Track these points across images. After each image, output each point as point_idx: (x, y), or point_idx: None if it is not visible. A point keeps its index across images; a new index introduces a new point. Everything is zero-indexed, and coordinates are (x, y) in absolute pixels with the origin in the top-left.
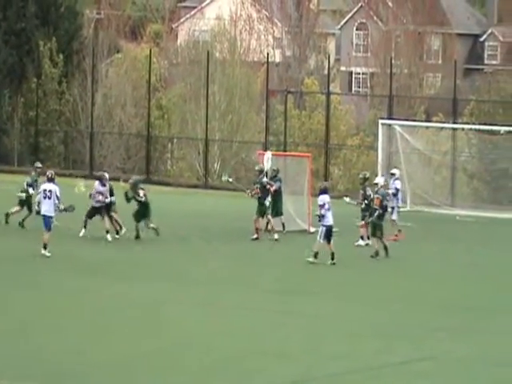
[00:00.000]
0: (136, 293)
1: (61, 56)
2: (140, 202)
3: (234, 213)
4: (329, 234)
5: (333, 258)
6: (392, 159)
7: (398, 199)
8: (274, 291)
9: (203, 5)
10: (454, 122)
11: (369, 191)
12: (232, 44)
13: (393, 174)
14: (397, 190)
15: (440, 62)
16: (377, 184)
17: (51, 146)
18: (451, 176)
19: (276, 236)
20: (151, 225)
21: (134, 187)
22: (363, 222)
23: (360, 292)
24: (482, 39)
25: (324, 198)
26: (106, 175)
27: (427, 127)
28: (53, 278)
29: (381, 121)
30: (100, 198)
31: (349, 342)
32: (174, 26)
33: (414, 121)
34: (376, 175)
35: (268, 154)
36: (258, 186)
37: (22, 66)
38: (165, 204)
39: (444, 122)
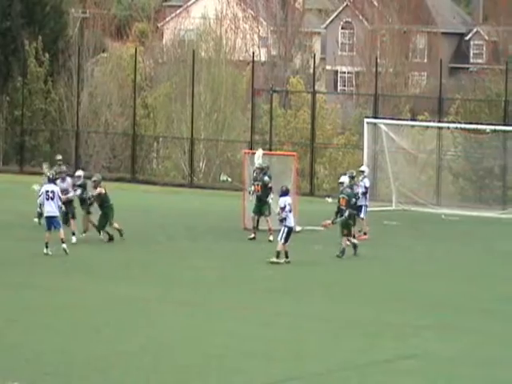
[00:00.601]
0: (121, 292)
1: (46, 55)
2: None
3: (219, 212)
4: (289, 235)
5: (287, 257)
6: (377, 158)
7: (366, 198)
8: (260, 291)
9: (189, 4)
10: (440, 121)
11: (356, 189)
12: (217, 43)
13: (362, 172)
14: (366, 188)
15: (425, 60)
16: (342, 183)
17: (37, 146)
18: (437, 175)
19: (271, 238)
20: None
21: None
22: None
23: (346, 291)
24: (467, 38)
25: (285, 200)
26: (64, 168)
27: (413, 126)
28: (39, 277)
29: (366, 120)
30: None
31: (334, 340)
32: (159, 25)
33: (400, 120)
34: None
35: (259, 152)
36: (259, 183)
37: (7, 65)
38: (150, 203)
39: (429, 121)
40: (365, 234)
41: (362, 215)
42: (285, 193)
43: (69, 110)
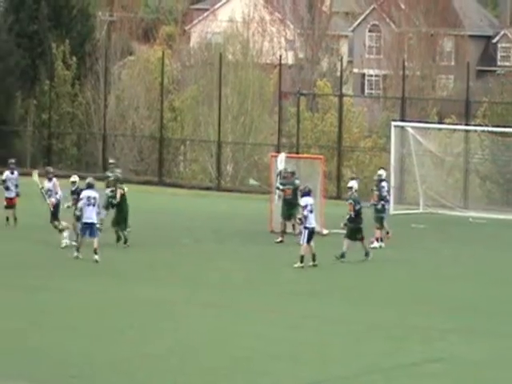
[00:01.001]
0: (148, 294)
1: (74, 58)
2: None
3: (246, 215)
4: (310, 236)
5: (314, 260)
6: (405, 161)
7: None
8: (287, 294)
9: (216, 7)
10: (467, 124)
11: (384, 192)
12: (245, 46)
13: (380, 176)
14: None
15: (453, 63)
16: (351, 188)
17: (64, 149)
18: (464, 178)
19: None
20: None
21: (115, 185)
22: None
23: (372, 294)
24: (494, 41)
25: (307, 200)
26: (118, 171)
27: (440, 129)
28: (62, 280)
29: (393, 123)
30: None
31: (360, 343)
32: (186, 28)
33: (427, 123)
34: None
35: (282, 156)
36: (291, 187)
37: (34, 69)
38: (177, 206)
39: (457, 124)
40: (376, 238)
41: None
42: (307, 193)
43: (96, 113)
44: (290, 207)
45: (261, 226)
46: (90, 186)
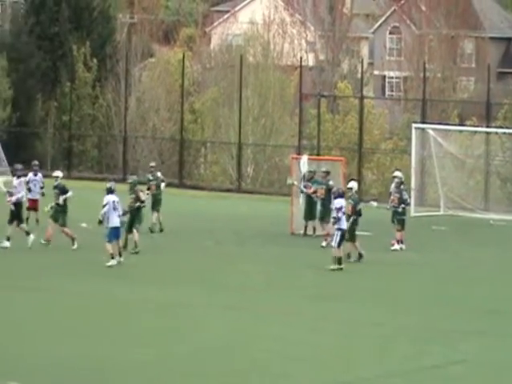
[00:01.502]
0: (169, 297)
1: (94, 60)
2: (138, 207)
3: (267, 217)
4: (342, 239)
5: (340, 263)
6: (425, 163)
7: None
8: (307, 296)
9: (236, 9)
10: (488, 126)
11: (405, 195)
12: (265, 48)
13: (395, 177)
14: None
15: (473, 65)
16: (350, 189)
17: (84, 151)
18: (485, 180)
19: (324, 244)
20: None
21: (133, 188)
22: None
23: (394, 297)
24: None
25: (341, 202)
26: (159, 174)
27: (461, 131)
28: (82, 283)
29: (414, 125)
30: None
31: (382, 346)
32: (207, 30)
33: (448, 125)
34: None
35: (304, 158)
36: (324, 187)
37: (55, 71)
38: (198, 208)
39: (477, 126)
40: (397, 240)
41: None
42: (340, 195)
43: (117, 115)
44: (323, 208)
45: (282, 227)
46: (111, 191)
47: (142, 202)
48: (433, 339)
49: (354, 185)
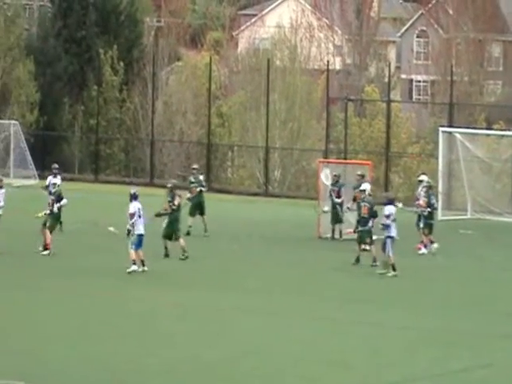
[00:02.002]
0: (195, 300)
1: (121, 64)
2: (172, 210)
3: (294, 220)
4: (391, 245)
5: (394, 269)
6: (453, 167)
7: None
8: (335, 300)
9: (263, 13)
10: None
11: (433, 199)
12: (292, 52)
13: (420, 182)
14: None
15: (501, 69)
16: (364, 191)
17: (112, 154)
18: None
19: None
20: (181, 241)
21: (172, 192)
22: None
23: (421, 300)
24: None
25: (390, 209)
26: (201, 177)
27: (488, 135)
28: (112, 287)
29: (441, 128)
30: None
31: (409, 349)
32: (234, 33)
33: (475, 128)
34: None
35: (326, 171)
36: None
37: (82, 74)
38: (225, 212)
39: (505, 130)
40: (424, 244)
41: (421, 224)
42: (390, 201)
43: (144, 118)
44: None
45: (309, 231)
46: (135, 198)
47: (178, 207)
48: (459, 343)
49: (366, 186)
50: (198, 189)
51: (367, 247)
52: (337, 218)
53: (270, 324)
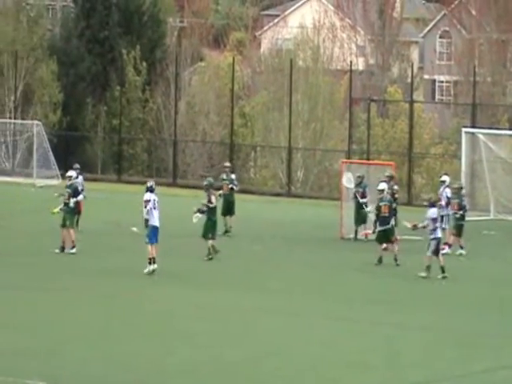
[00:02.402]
0: (219, 301)
1: (144, 64)
2: (209, 208)
3: (317, 221)
4: (437, 248)
5: (443, 272)
6: (475, 167)
7: (448, 207)
8: (356, 301)
9: (286, 13)
10: None
11: (464, 201)
12: (315, 52)
13: (443, 182)
14: (448, 198)
15: None
16: (382, 191)
17: (134, 154)
18: None
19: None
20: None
21: (208, 190)
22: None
23: (443, 301)
24: None
25: (434, 211)
26: (233, 176)
27: (511, 135)
28: (134, 287)
29: (464, 129)
30: None
31: (431, 350)
32: (257, 34)
33: (498, 129)
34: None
35: (348, 175)
36: (389, 191)
37: (105, 75)
38: (248, 212)
39: None
40: (448, 244)
41: (444, 225)
42: (433, 204)
43: (166, 118)
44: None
45: (331, 232)
46: (151, 190)
47: (211, 204)
48: (481, 343)
49: (384, 186)
50: (230, 186)
51: (389, 246)
52: (362, 219)
53: (291, 324)
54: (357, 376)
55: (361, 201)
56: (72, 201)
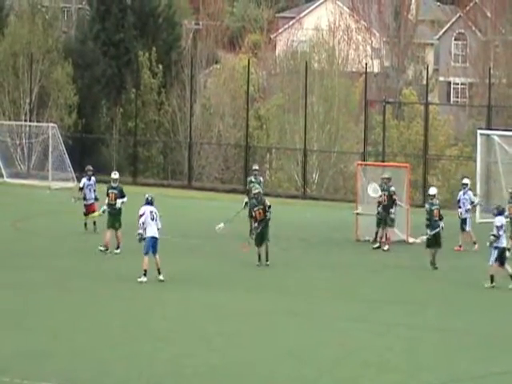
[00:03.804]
0: (234, 303)
1: (160, 66)
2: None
3: (332, 223)
4: (502, 257)
5: (492, 281)
6: (491, 170)
7: (470, 210)
8: (372, 302)
9: (301, 15)
10: None
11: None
12: (330, 54)
13: (465, 185)
14: (471, 201)
15: None
16: (434, 196)
17: (150, 157)
18: None
19: (386, 247)
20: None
21: (258, 197)
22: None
23: (460, 302)
24: None
25: (501, 220)
26: (261, 179)
27: None
28: (151, 289)
29: (479, 131)
30: None
31: (449, 351)
32: (272, 36)
33: None
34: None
35: (373, 185)
36: (386, 193)
37: (120, 77)
38: None
39: None
40: (474, 243)
41: (467, 228)
42: (500, 212)
43: (182, 121)
44: (384, 213)
45: (346, 234)
46: (149, 203)
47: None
48: (500, 345)
49: (435, 191)
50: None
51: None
52: (389, 222)
53: (308, 326)
54: (374, 377)
55: (398, 203)
56: (118, 202)
